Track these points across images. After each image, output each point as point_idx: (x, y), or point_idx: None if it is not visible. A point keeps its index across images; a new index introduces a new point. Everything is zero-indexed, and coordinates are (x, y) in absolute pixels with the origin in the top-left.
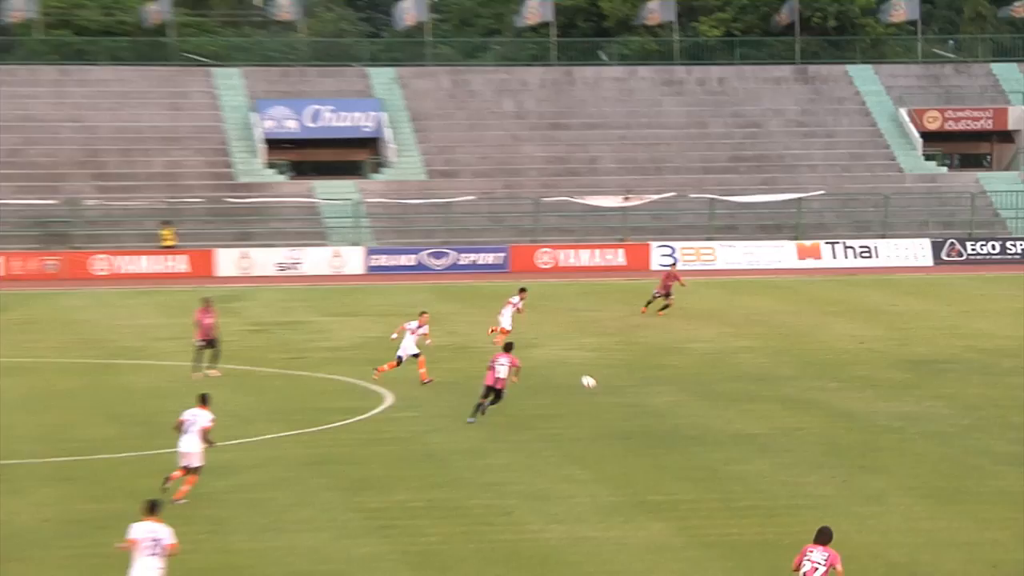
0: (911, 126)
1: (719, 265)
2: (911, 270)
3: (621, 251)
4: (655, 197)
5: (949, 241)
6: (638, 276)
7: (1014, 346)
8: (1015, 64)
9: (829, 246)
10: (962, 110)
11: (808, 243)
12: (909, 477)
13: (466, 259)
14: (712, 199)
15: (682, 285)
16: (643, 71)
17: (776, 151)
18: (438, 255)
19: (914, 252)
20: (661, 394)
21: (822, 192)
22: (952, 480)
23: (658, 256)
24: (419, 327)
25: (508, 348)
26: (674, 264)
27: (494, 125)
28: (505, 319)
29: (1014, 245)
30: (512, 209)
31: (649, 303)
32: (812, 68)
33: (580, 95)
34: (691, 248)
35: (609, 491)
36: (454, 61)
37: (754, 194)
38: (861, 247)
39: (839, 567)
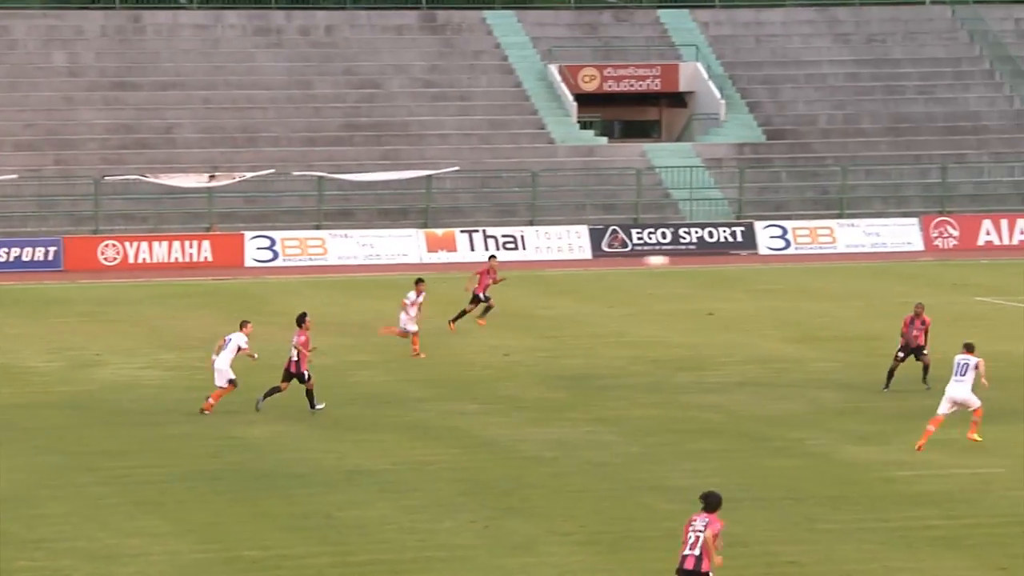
0: (563, 87)
1: (330, 260)
2: (566, 264)
3: (207, 243)
4: (249, 175)
5: (611, 228)
6: (230, 275)
7: (689, 356)
8: (687, 11)
9: (466, 235)
10: (624, 67)
11: (440, 232)
12: (564, 520)
13: (6, 255)
14: (320, 178)
15: (470, 288)
16: (231, 16)
17: (399, 117)
18: None
19: (569, 242)
20: (258, 423)
21: (456, 168)
22: (616, 523)
23: (253, 249)
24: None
25: (301, 321)
26: (493, 257)
27: (41, 84)
28: (408, 324)
29: (688, 232)
30: (66, 191)
31: (464, 314)
32: (442, 14)
33: (152, 47)
34: (295, 239)
35: (193, 545)
36: None
37: (372, 171)
38: (505, 236)
39: (710, 535)
